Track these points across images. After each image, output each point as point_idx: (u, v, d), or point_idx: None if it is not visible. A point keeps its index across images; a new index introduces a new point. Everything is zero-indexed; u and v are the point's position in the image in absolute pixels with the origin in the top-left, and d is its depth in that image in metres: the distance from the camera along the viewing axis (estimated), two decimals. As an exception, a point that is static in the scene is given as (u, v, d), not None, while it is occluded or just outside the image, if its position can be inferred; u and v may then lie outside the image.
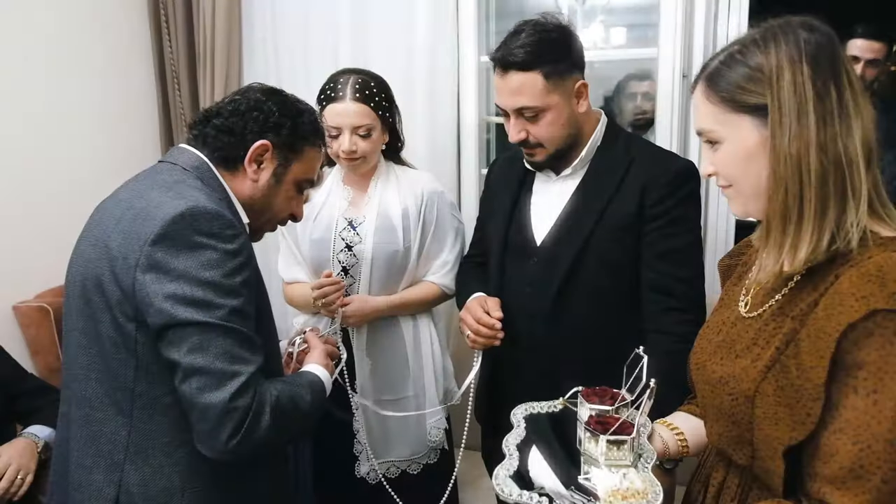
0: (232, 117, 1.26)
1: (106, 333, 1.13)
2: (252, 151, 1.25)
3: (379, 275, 1.88)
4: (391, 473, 1.96)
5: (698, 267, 1.56)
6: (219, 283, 1.08)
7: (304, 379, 1.26)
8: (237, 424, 1.04)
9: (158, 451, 1.15)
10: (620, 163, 1.57)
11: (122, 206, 1.15)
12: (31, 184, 2.44)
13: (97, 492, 1.15)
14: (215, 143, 1.26)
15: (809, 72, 0.86)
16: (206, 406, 1.03)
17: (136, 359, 1.12)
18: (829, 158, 0.86)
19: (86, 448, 1.17)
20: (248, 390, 1.06)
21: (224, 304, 1.07)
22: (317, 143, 1.35)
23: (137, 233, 1.09)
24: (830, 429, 0.85)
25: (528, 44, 1.47)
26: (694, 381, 1.11)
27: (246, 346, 1.09)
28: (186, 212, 1.09)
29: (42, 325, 2.38)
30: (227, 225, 1.12)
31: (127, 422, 1.15)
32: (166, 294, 1.05)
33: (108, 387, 1.15)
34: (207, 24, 2.72)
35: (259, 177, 1.28)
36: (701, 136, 0.99)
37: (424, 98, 2.57)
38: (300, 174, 1.33)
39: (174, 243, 1.07)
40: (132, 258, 1.08)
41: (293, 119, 1.29)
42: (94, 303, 1.13)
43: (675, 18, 2.32)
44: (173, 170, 1.23)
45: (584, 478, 1.06)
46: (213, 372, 1.04)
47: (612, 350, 1.42)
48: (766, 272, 0.95)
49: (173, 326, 1.06)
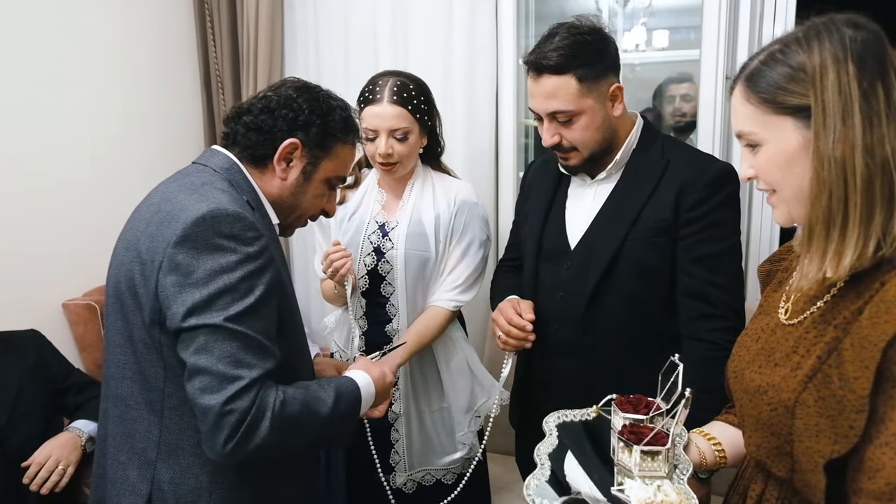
0: (262, 115, 1.25)
1: (138, 335, 1.15)
2: (281, 150, 1.24)
3: (413, 282, 1.85)
4: (427, 482, 1.95)
5: (736, 273, 1.51)
6: (234, 286, 1.08)
7: (331, 385, 1.23)
8: (233, 428, 1.04)
9: (188, 451, 1.17)
10: (656, 166, 1.54)
11: (152, 209, 1.17)
12: (79, 184, 2.52)
13: (132, 487, 1.18)
14: (245, 141, 1.26)
15: (855, 71, 0.83)
16: (205, 407, 1.04)
17: (164, 360, 1.14)
18: (876, 161, 0.83)
19: (121, 445, 1.20)
20: (246, 394, 1.04)
21: (236, 308, 1.07)
22: (349, 140, 1.33)
23: (163, 235, 1.10)
24: (876, 442, 0.82)
25: (561, 47, 1.45)
26: (731, 389, 1.08)
27: (253, 351, 1.08)
28: (208, 214, 1.09)
29: (90, 322, 2.45)
30: (248, 227, 1.12)
31: (158, 421, 1.17)
32: (184, 297, 1.07)
33: (141, 386, 1.17)
34: (251, 27, 2.77)
35: (288, 175, 1.27)
36: (741, 138, 0.96)
37: (463, 101, 2.56)
38: (331, 172, 1.32)
39: (195, 245, 1.08)
40: (157, 260, 1.10)
41: (324, 117, 1.27)
42: (127, 304, 1.16)
43: (718, 20, 2.27)
44: (203, 171, 1.23)
45: (618, 489, 1.04)
46: (214, 373, 1.04)
47: (646, 357, 1.40)
48: (808, 279, 0.91)
49: (186, 329, 1.07)
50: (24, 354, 1.94)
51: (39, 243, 2.38)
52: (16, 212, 2.30)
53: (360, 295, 1.89)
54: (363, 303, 1.89)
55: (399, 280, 1.84)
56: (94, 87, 2.57)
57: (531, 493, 1.05)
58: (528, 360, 1.71)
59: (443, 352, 1.93)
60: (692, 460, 1.09)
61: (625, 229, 1.52)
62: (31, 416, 1.87)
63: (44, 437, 1.84)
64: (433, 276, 1.88)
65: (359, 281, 1.85)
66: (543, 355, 1.65)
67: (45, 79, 2.38)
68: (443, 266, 1.89)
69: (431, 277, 1.88)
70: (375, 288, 1.87)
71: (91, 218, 2.56)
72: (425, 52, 2.58)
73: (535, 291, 1.67)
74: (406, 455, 1.92)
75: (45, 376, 1.96)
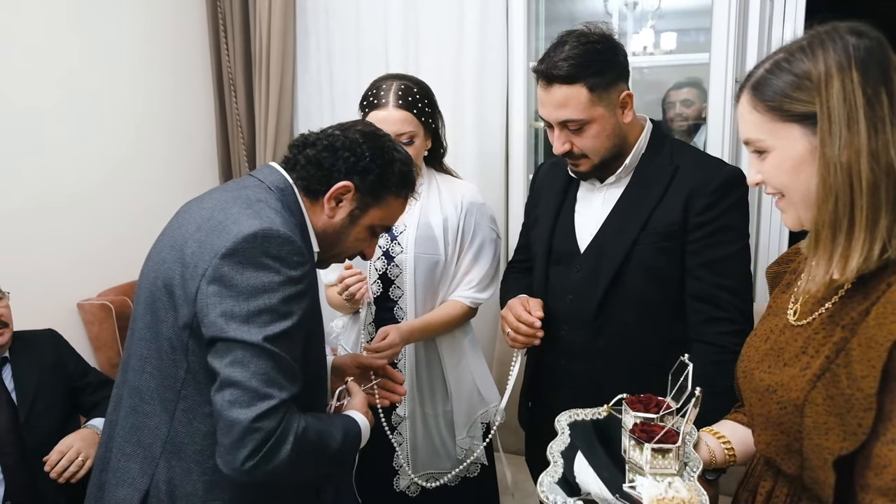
0: (324, 152, 1.27)
1: (165, 333, 1.17)
2: (333, 190, 1.27)
3: (422, 284, 1.87)
4: (430, 485, 1.95)
5: (744, 276, 1.52)
6: (274, 307, 1.09)
7: (340, 421, 1.26)
8: (257, 445, 1.04)
9: (190, 456, 1.19)
10: (665, 170, 1.55)
11: (204, 215, 1.19)
12: (93, 186, 2.56)
13: (131, 480, 1.20)
14: (303, 171, 1.28)
15: (859, 78, 0.85)
16: (233, 420, 1.05)
17: (187, 363, 1.16)
18: (881, 166, 0.85)
19: (129, 436, 1.22)
20: (275, 414, 1.06)
21: (274, 329, 1.09)
22: (402, 195, 1.35)
23: (212, 244, 1.12)
24: (883, 440, 0.84)
25: (571, 56, 1.45)
26: (741, 388, 1.10)
27: (284, 373, 1.09)
28: (259, 232, 1.11)
29: (105, 322, 2.49)
30: (296, 251, 1.14)
31: (168, 420, 1.19)
32: (223, 308, 1.09)
33: (158, 383, 1.19)
34: (263, 31, 2.80)
35: (335, 214, 1.30)
36: (748, 145, 0.98)
37: (474, 103, 2.59)
38: (377, 220, 1.34)
39: (242, 260, 1.10)
40: (201, 267, 1.12)
41: (383, 167, 1.29)
42: (160, 301, 1.18)
43: (727, 23, 2.28)
44: (258, 187, 1.25)
45: (630, 486, 1.06)
46: (247, 388, 1.05)
47: (655, 358, 1.42)
48: (815, 282, 0.93)
49: (223, 339, 1.08)
50: (42, 353, 1.98)
51: (55, 245, 2.42)
52: (33, 214, 2.34)
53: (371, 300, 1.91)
54: (373, 309, 1.90)
55: (408, 283, 1.86)
56: (106, 90, 2.61)
57: (544, 490, 1.07)
58: (538, 361, 1.72)
59: (449, 355, 1.94)
60: (702, 458, 1.11)
61: (634, 233, 1.53)
62: (49, 413, 1.91)
63: (61, 434, 1.87)
64: (442, 279, 1.90)
65: (371, 287, 1.86)
66: (554, 356, 1.67)
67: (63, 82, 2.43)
68: (456, 269, 1.91)
69: (441, 280, 1.90)
70: (384, 291, 1.89)
71: (106, 220, 2.60)
72: (436, 55, 2.61)
73: (545, 294, 1.69)
74: (410, 458, 1.93)
75: (62, 375, 2.00)
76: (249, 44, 2.93)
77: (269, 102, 2.85)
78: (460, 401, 1.94)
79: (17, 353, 1.93)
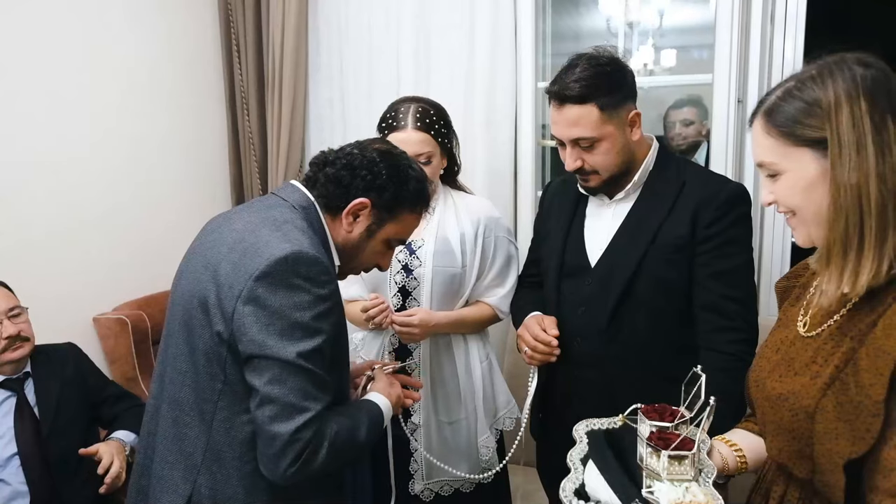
0: (343, 170, 1.34)
1: (203, 348, 1.23)
2: (351, 206, 1.34)
3: (438, 296, 1.92)
4: (445, 492, 1.99)
5: (750, 287, 1.59)
6: (306, 324, 1.17)
7: (363, 410, 1.34)
8: (297, 455, 1.14)
9: (229, 462, 1.25)
10: (672, 186, 1.61)
11: (234, 237, 1.26)
12: (109, 203, 2.61)
13: (174, 487, 1.26)
14: (322, 189, 1.35)
15: (867, 106, 0.91)
16: (274, 434, 1.14)
17: (225, 376, 1.23)
18: (888, 188, 0.90)
19: (171, 445, 1.28)
20: (312, 425, 1.15)
21: (306, 345, 1.17)
22: (416, 210, 1.42)
23: (246, 266, 1.19)
24: (890, 444, 0.89)
25: (582, 78, 1.53)
26: (753, 397, 1.15)
27: (318, 386, 1.18)
28: (290, 255, 1.18)
29: (120, 336, 2.53)
30: (324, 271, 1.21)
31: (207, 430, 1.25)
32: (260, 327, 1.16)
33: (196, 396, 1.26)
34: (276, 52, 2.86)
35: (353, 229, 1.36)
36: (761, 168, 1.03)
37: (483, 121, 2.64)
38: (392, 234, 1.41)
39: (274, 282, 1.17)
40: (237, 289, 1.18)
41: (399, 184, 1.36)
42: (196, 319, 1.24)
43: (730, 44, 2.34)
44: (283, 206, 1.32)
45: (647, 491, 1.10)
46: (285, 404, 1.14)
47: (665, 367, 1.47)
48: (827, 297, 0.98)
49: (259, 357, 1.16)
50: (63, 367, 2.01)
51: (72, 260, 2.46)
52: (50, 230, 2.39)
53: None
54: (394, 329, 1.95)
55: (425, 296, 1.91)
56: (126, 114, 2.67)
57: (566, 494, 1.11)
58: (551, 372, 1.77)
59: (464, 363, 1.98)
60: (715, 465, 1.15)
61: (644, 247, 1.59)
62: (71, 427, 1.95)
63: (83, 446, 1.90)
64: (458, 292, 1.95)
65: (392, 300, 1.92)
66: (566, 367, 1.71)
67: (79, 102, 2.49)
68: (480, 283, 1.98)
69: (456, 292, 1.95)
70: (402, 304, 1.94)
71: (122, 236, 2.65)
72: (447, 73, 2.66)
73: (557, 306, 1.74)
74: (424, 464, 1.96)
75: (82, 388, 2.03)
76: (262, 64, 2.99)
77: (280, 121, 2.90)
78: (479, 404, 1.99)
79: (38, 368, 1.97)
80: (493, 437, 2.02)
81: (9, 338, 1.88)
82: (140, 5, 2.70)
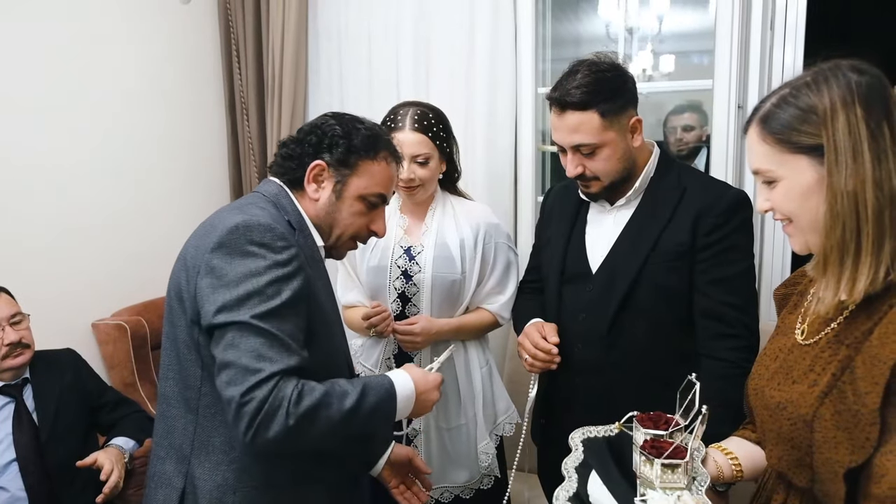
0: (292, 143, 1.37)
1: (181, 337, 1.24)
2: (308, 172, 1.34)
3: (438, 302, 1.93)
4: (445, 499, 1.99)
5: (751, 294, 1.58)
6: (261, 289, 1.15)
7: (360, 380, 1.24)
8: (251, 417, 1.08)
9: (218, 448, 1.24)
10: (673, 193, 1.61)
11: (204, 228, 1.28)
12: (109, 208, 2.61)
13: (168, 481, 1.26)
14: (280, 169, 1.37)
15: (863, 113, 0.91)
16: (229, 398, 1.09)
17: (202, 359, 1.23)
18: (885, 194, 0.90)
19: (162, 440, 1.29)
20: (264, 385, 1.08)
21: (262, 308, 1.13)
22: (375, 157, 1.37)
23: (204, 244, 1.20)
24: (883, 450, 0.88)
25: (584, 84, 1.53)
26: (752, 405, 1.14)
27: (276, 348, 1.12)
28: (241, 223, 1.19)
29: (119, 342, 2.53)
30: (278, 237, 1.20)
31: (193, 419, 1.25)
32: (215, 297, 1.15)
33: (181, 386, 1.26)
34: (276, 57, 2.86)
35: (320, 195, 1.36)
36: (757, 175, 1.03)
37: (483, 126, 2.63)
38: (362, 189, 1.36)
39: (229, 251, 1.17)
40: (197, 266, 1.20)
41: (347, 136, 1.34)
42: (174, 309, 1.25)
43: (730, 50, 2.33)
44: (254, 196, 1.35)
45: (641, 499, 1.10)
46: (239, 367, 1.10)
47: (666, 374, 1.46)
48: (824, 304, 0.98)
49: (217, 326, 1.14)
50: (62, 373, 2.01)
51: (70, 265, 2.46)
52: (49, 236, 2.39)
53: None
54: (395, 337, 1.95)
55: (424, 302, 1.91)
56: (126, 119, 2.67)
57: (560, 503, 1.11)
58: (552, 378, 1.76)
59: (464, 369, 1.98)
60: (710, 473, 1.15)
61: (645, 253, 1.59)
62: (70, 433, 1.94)
63: (82, 452, 1.90)
64: (458, 298, 1.95)
65: (391, 305, 1.92)
66: (567, 373, 1.70)
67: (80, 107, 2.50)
68: (480, 289, 1.97)
69: (456, 299, 1.95)
70: (401, 310, 1.94)
71: (121, 241, 2.65)
72: (447, 78, 2.66)
73: (558, 312, 1.74)
74: None
75: (81, 394, 2.02)
76: (262, 69, 2.99)
77: (280, 126, 2.90)
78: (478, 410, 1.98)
79: (37, 373, 1.97)
80: (492, 443, 2.01)
81: (10, 344, 1.88)
82: (140, 12, 2.71)
